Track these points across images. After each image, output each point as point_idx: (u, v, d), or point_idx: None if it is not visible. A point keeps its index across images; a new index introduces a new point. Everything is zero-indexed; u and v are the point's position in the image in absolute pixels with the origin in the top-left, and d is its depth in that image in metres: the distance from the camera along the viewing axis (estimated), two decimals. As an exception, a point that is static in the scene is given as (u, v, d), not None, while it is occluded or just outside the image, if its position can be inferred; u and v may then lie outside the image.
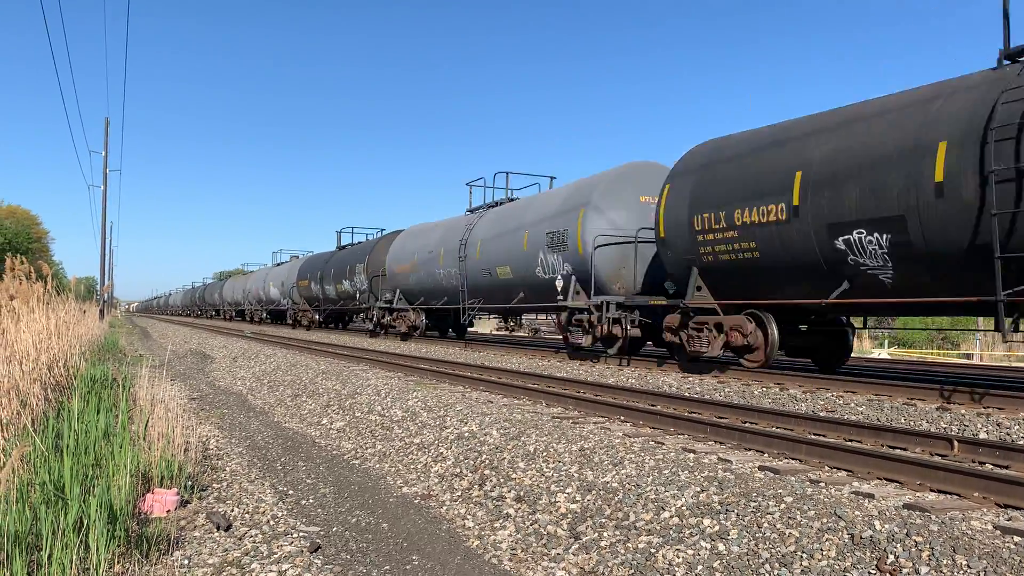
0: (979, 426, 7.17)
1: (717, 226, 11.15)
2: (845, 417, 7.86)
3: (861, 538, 4.06)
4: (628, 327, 13.70)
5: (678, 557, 4.44)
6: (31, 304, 10.19)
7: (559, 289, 15.39)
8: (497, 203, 20.23)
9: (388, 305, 24.80)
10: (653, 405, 8.96)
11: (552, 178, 19.46)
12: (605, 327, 13.89)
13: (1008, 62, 8.57)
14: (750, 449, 6.61)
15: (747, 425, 7.41)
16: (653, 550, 4.59)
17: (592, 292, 14.22)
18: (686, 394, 9.80)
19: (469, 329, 26.83)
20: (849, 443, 6.56)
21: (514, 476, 6.32)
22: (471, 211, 21.23)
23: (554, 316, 18.20)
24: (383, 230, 29.82)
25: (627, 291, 14.22)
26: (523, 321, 33.43)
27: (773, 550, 4.22)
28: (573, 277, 14.95)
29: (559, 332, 16.71)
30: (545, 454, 6.57)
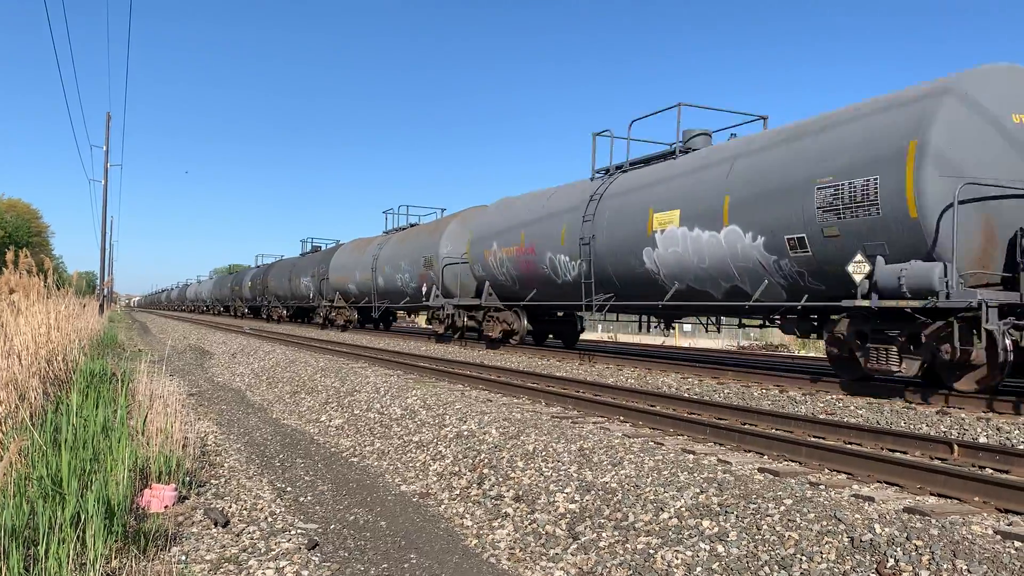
0: (979, 430, 7.15)
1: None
2: (845, 420, 7.85)
3: (861, 541, 4.04)
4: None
5: (677, 558, 4.43)
6: (31, 298, 10.18)
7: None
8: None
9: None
10: (652, 406, 8.94)
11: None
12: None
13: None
14: (750, 451, 6.60)
15: (747, 427, 7.40)
16: (652, 551, 4.58)
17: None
18: (685, 395, 9.79)
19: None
20: (849, 446, 6.55)
21: (513, 475, 6.30)
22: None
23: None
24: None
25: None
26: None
27: (772, 552, 4.20)
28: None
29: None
30: (544, 453, 6.56)
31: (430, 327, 26.05)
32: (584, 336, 23.21)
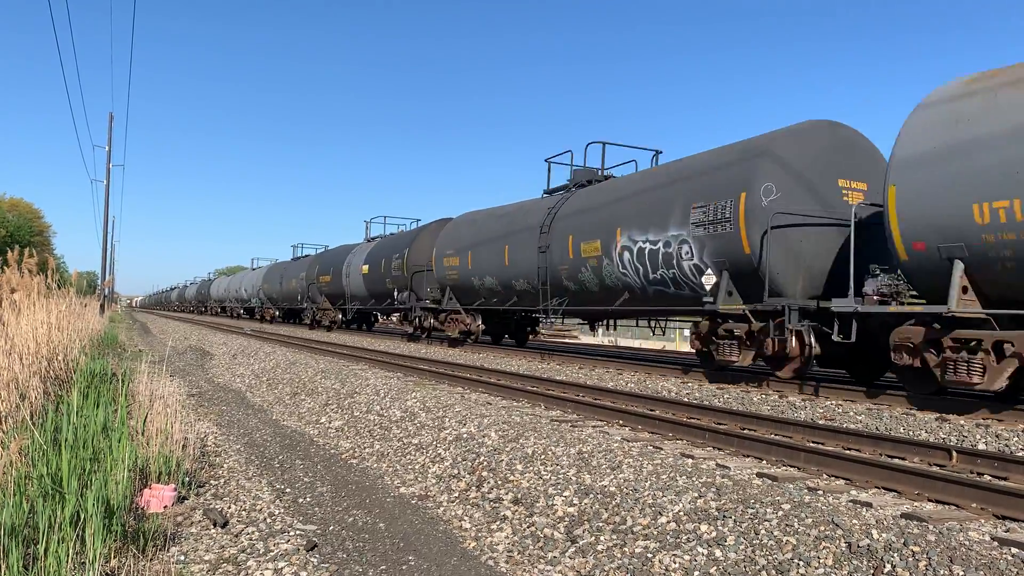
0: (978, 437, 7.16)
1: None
2: (844, 425, 7.86)
3: (858, 547, 4.05)
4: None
5: (675, 562, 4.44)
6: (32, 297, 10.20)
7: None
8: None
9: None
10: (652, 410, 8.95)
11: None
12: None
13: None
14: (748, 456, 6.60)
15: (746, 432, 7.40)
16: (650, 555, 4.59)
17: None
18: (685, 399, 9.79)
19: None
20: (848, 451, 6.56)
21: (512, 478, 6.31)
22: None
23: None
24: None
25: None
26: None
27: (770, 557, 4.21)
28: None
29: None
30: (543, 457, 6.57)
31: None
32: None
